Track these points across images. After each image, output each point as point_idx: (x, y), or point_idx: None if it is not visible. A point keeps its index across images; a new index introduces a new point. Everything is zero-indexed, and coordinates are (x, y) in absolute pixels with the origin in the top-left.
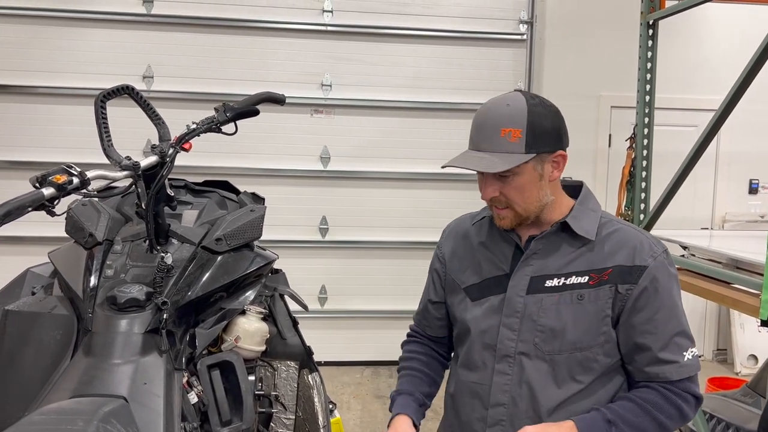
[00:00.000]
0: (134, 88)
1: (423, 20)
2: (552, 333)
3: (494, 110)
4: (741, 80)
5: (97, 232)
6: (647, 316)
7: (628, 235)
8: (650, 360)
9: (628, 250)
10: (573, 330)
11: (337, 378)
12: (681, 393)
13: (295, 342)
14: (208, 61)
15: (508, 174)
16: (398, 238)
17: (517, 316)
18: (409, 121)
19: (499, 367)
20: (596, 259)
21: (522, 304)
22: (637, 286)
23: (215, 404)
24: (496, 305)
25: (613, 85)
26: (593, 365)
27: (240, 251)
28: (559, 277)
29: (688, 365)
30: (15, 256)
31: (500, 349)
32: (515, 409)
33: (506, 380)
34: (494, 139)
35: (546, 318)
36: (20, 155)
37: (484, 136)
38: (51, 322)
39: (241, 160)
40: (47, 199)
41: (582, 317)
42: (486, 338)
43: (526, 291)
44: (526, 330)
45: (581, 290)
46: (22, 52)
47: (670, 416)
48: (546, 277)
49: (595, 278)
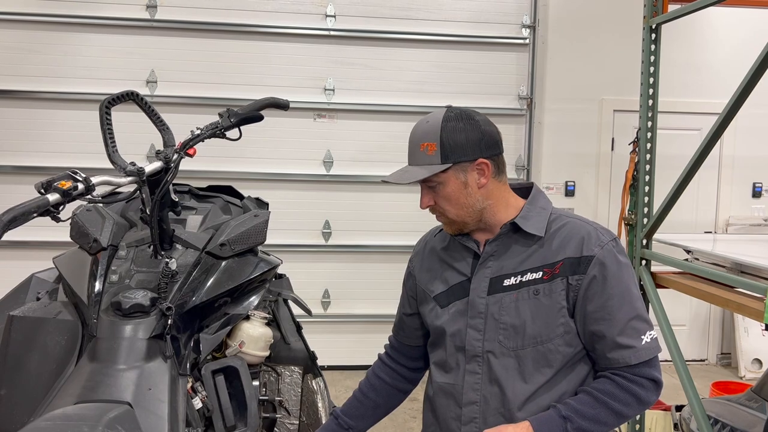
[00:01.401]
0: (139, 94)
1: (426, 25)
2: (514, 330)
3: (417, 128)
4: (744, 84)
5: (101, 237)
6: (599, 303)
7: (575, 227)
8: (609, 346)
9: (576, 242)
10: (532, 325)
11: (340, 382)
12: (637, 379)
13: (298, 347)
14: (212, 66)
15: (434, 184)
16: (401, 242)
17: (481, 316)
18: (411, 125)
19: (469, 367)
20: (548, 254)
21: (484, 304)
22: (586, 275)
23: (219, 409)
24: (462, 309)
25: (616, 88)
26: (556, 356)
27: (244, 256)
28: (516, 276)
29: (646, 348)
30: (20, 261)
31: (469, 350)
32: (486, 406)
33: (476, 379)
34: (416, 154)
35: (507, 316)
36: (25, 160)
37: (411, 151)
38: (56, 327)
39: (244, 164)
40: (52, 204)
41: (539, 311)
42: (456, 341)
43: (486, 292)
44: (490, 329)
45: (536, 285)
46: (26, 58)
47: (627, 404)
48: (503, 276)
49: (548, 273)
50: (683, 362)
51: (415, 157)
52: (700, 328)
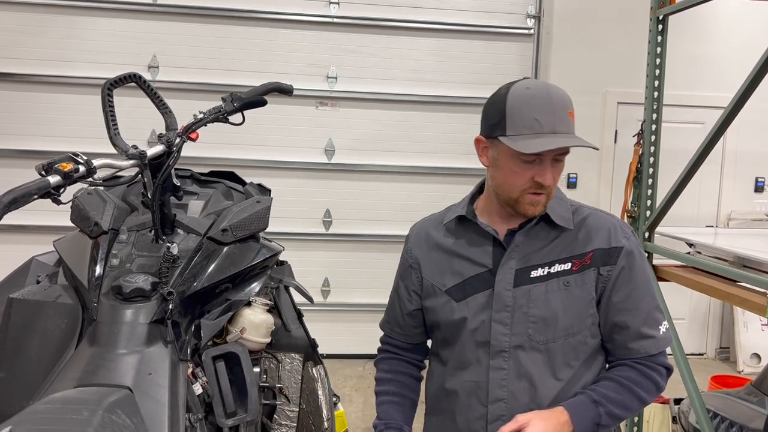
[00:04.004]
0: (141, 77)
1: (430, 13)
2: (544, 322)
3: (555, 93)
4: (750, 79)
5: (102, 221)
6: (625, 294)
7: (600, 218)
8: (632, 336)
9: (604, 232)
10: (564, 317)
11: (339, 371)
12: (656, 367)
13: (299, 334)
14: (214, 51)
15: (563, 157)
16: (402, 231)
17: (508, 309)
18: (414, 114)
19: (494, 363)
20: (575, 245)
21: (511, 297)
22: (616, 266)
23: (220, 395)
24: (483, 302)
25: (620, 81)
26: (584, 348)
27: (246, 242)
28: (543, 267)
29: (663, 339)
30: (20, 244)
31: (494, 345)
32: (515, 402)
33: (503, 375)
34: (566, 120)
35: (536, 308)
36: (26, 144)
37: (559, 118)
38: (56, 310)
39: (246, 151)
40: (53, 187)
41: (571, 303)
42: (477, 336)
43: (512, 284)
44: (518, 322)
45: (566, 277)
46: (27, 41)
47: (648, 390)
48: (530, 268)
49: (578, 263)
50: (683, 355)
51: (566, 123)
52: (699, 322)
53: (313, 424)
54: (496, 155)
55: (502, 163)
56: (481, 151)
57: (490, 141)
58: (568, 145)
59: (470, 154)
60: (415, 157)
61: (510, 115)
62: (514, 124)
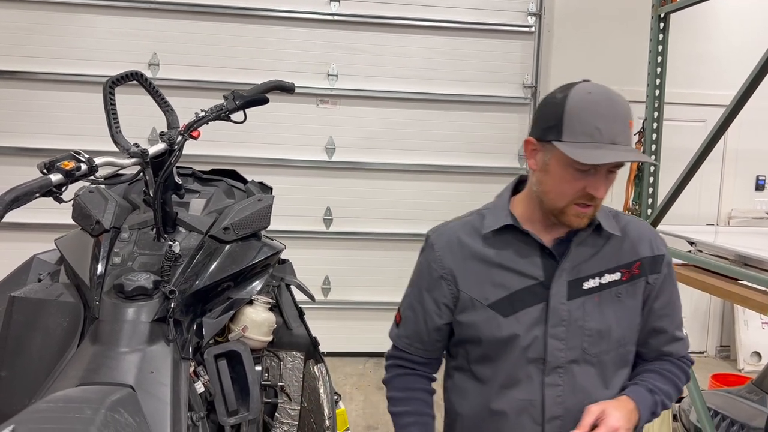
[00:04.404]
0: (143, 74)
1: (430, 11)
2: (599, 335)
3: (619, 101)
4: (752, 77)
5: (104, 219)
6: (665, 300)
7: (641, 226)
8: (667, 340)
9: (647, 241)
10: (617, 328)
11: (339, 369)
12: (687, 361)
13: (301, 332)
14: (214, 49)
15: (617, 170)
16: (402, 230)
17: (564, 324)
18: (414, 112)
19: (549, 380)
20: (621, 253)
21: (566, 310)
22: (661, 274)
23: (222, 394)
24: (536, 317)
25: (621, 78)
26: (629, 356)
27: (248, 241)
28: (594, 277)
29: (687, 338)
30: (21, 242)
31: (550, 361)
32: (571, 419)
33: (558, 392)
34: (627, 132)
35: (592, 321)
36: (27, 142)
37: (619, 129)
38: (57, 309)
39: (246, 149)
40: (55, 185)
41: (623, 314)
42: (530, 352)
43: (566, 297)
44: (573, 337)
45: (617, 287)
46: (28, 39)
47: (682, 380)
48: (582, 279)
49: (626, 273)
50: None
51: (625, 135)
52: (699, 321)
53: (314, 422)
54: (547, 160)
55: (553, 169)
56: (530, 154)
57: (541, 144)
58: (631, 160)
59: (470, 152)
60: (415, 155)
61: (569, 119)
62: (572, 130)
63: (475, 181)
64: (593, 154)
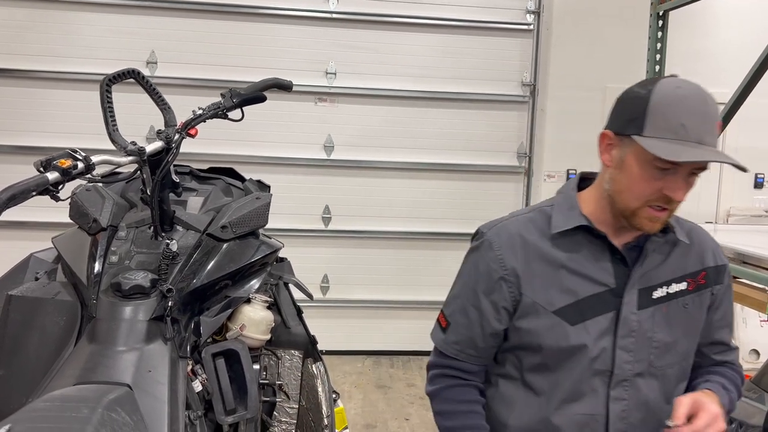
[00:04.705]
0: (140, 72)
1: (429, 9)
2: (666, 347)
3: (709, 99)
4: (750, 75)
5: (101, 217)
6: (724, 311)
7: (702, 233)
8: (723, 350)
9: (710, 250)
10: (683, 340)
11: (338, 367)
12: (740, 369)
13: (299, 331)
14: (212, 47)
15: (700, 173)
16: (401, 228)
17: (633, 335)
18: (413, 110)
19: (614, 394)
20: (687, 262)
21: (636, 321)
22: (723, 285)
23: (220, 393)
24: (605, 327)
25: (620, 76)
26: (689, 370)
27: (245, 239)
28: (662, 286)
29: (737, 347)
30: (18, 241)
31: (617, 374)
32: None
33: (623, 406)
34: (714, 132)
35: (660, 333)
36: (24, 140)
37: (708, 128)
38: (55, 307)
39: (244, 147)
40: (51, 183)
41: (690, 326)
42: (597, 364)
43: (637, 306)
44: (641, 349)
45: (684, 298)
46: (25, 36)
47: (740, 387)
48: (651, 288)
49: (692, 283)
50: None
51: (713, 135)
52: None
53: (312, 420)
54: (623, 156)
55: (630, 166)
56: (605, 148)
57: (619, 138)
58: (720, 161)
59: (469, 150)
60: (414, 153)
61: (653, 113)
62: (655, 125)
63: (473, 179)
64: (676, 150)
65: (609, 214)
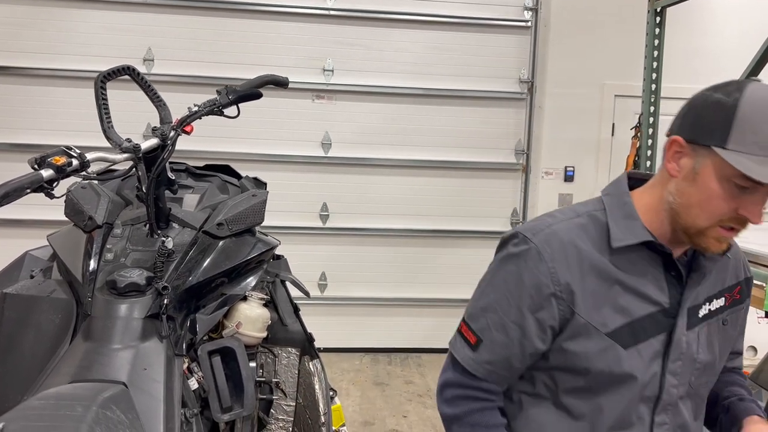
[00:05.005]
0: (135, 69)
1: (427, 5)
2: (705, 368)
3: None
4: (748, 72)
5: (96, 215)
6: (742, 321)
7: (734, 243)
8: (735, 357)
9: (742, 261)
10: (720, 360)
11: (336, 364)
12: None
13: (296, 328)
14: (209, 44)
15: None
16: (399, 225)
17: (681, 358)
18: (411, 107)
19: (659, 419)
20: (724, 275)
21: (686, 343)
22: (750, 297)
23: (216, 390)
24: (657, 349)
25: (618, 73)
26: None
27: (242, 236)
28: (705, 304)
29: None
30: (13, 239)
31: (665, 399)
32: None
33: (665, 430)
34: None
35: (703, 353)
36: (19, 137)
37: None
38: (50, 305)
39: (241, 145)
40: (46, 180)
41: (726, 344)
42: (647, 390)
43: (686, 326)
44: (685, 371)
45: (722, 314)
46: (21, 33)
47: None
48: (698, 306)
49: (729, 298)
50: None
51: None
52: None
53: (309, 418)
54: (697, 168)
55: (705, 180)
56: (673, 156)
57: (693, 148)
58: None
59: (466, 147)
60: (412, 150)
61: (741, 124)
62: (743, 138)
63: (470, 176)
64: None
65: (668, 228)
